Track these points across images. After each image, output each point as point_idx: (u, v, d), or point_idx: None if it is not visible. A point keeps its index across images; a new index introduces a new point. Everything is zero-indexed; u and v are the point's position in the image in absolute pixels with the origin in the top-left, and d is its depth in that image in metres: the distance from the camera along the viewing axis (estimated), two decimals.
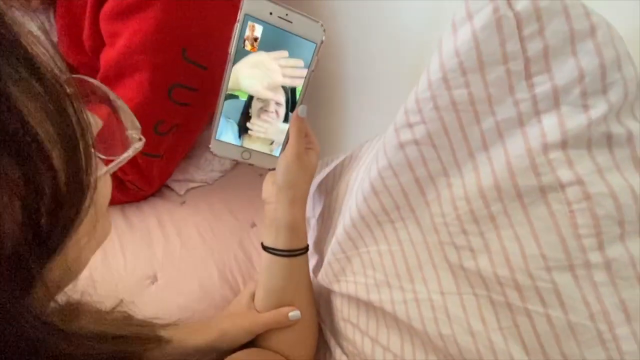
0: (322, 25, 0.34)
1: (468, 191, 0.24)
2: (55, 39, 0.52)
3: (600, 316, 0.21)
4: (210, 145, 0.39)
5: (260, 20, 0.33)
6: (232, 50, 0.34)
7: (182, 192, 0.52)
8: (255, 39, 0.35)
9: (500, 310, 0.24)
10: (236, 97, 0.37)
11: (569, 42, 0.19)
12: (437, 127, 0.23)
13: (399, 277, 0.28)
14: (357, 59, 0.47)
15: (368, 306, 0.31)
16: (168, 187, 0.53)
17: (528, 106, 0.22)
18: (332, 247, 0.32)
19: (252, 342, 0.36)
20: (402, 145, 0.25)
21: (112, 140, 0.19)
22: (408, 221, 0.28)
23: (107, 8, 0.39)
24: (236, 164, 0.57)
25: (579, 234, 0.21)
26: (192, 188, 0.53)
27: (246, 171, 0.56)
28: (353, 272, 0.31)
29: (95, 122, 0.17)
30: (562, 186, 0.21)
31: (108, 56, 0.40)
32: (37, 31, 0.13)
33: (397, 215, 0.28)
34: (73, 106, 0.13)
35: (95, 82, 0.18)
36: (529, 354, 0.23)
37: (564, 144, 0.21)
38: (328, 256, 0.33)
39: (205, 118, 0.49)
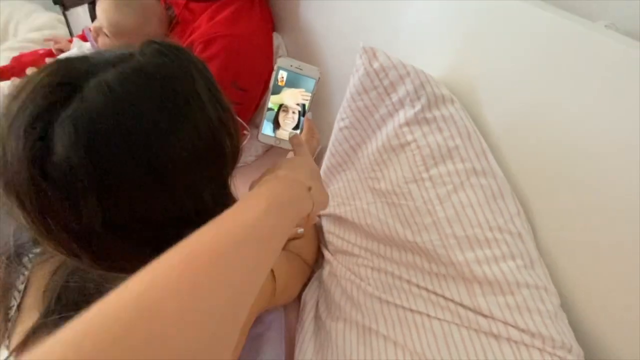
0: (318, 69, 0.61)
1: (373, 149, 0.50)
2: None
3: (428, 201, 0.45)
4: (258, 136, 0.67)
5: (285, 69, 0.60)
6: (271, 85, 0.62)
7: None
8: (282, 77, 0.62)
9: (390, 207, 0.49)
10: (272, 109, 0.65)
11: (399, 79, 0.44)
12: (354, 120, 0.49)
13: (348, 199, 0.54)
14: (341, 77, 0.72)
15: (337, 218, 0.57)
16: None
17: (391, 107, 0.46)
18: None
19: None
20: (340, 129, 0.51)
21: None
22: (351, 169, 0.54)
23: None
24: (266, 150, 0.85)
25: (417, 164, 0.46)
26: (237, 167, 0.82)
27: (271, 156, 0.84)
28: None
29: None
30: (408, 143, 0.46)
31: None
32: None
33: (345, 166, 0.54)
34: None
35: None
36: (403, 226, 0.48)
37: (407, 123, 0.46)
38: None
39: (245, 122, 0.78)
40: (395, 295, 0.49)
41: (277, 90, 0.63)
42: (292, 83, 0.62)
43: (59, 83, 0.26)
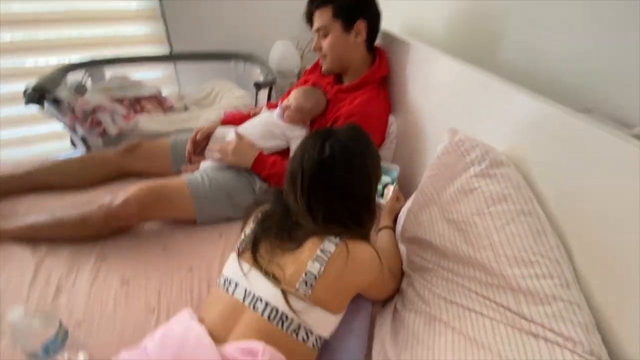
0: (398, 167, 0.94)
1: (451, 192, 0.73)
2: None
3: (487, 229, 0.65)
4: None
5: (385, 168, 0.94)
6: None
7: None
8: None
9: (459, 232, 0.70)
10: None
11: (471, 147, 0.69)
12: (439, 171, 0.75)
13: (429, 226, 0.77)
14: (431, 146, 1.01)
15: (420, 240, 0.79)
16: None
17: (465, 165, 0.71)
18: (405, 219, 0.84)
19: None
20: (429, 177, 0.77)
21: None
22: (433, 205, 0.77)
23: None
24: None
25: (481, 203, 0.67)
26: None
27: None
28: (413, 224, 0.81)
29: None
30: (475, 189, 0.69)
31: None
32: None
33: (429, 202, 0.78)
34: None
35: None
36: (467, 245, 0.68)
37: (475, 176, 0.69)
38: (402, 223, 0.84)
39: None
40: (457, 296, 0.67)
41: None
42: (385, 172, 1.01)
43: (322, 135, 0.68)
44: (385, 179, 1.01)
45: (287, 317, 0.59)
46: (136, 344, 0.61)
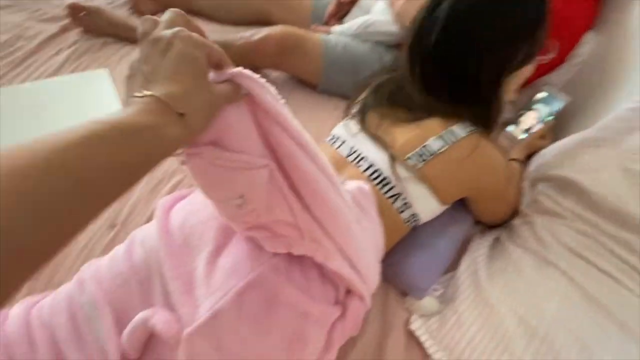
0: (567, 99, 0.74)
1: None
2: None
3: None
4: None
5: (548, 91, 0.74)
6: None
7: None
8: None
9: (634, 187, 0.55)
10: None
11: None
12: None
13: (591, 169, 0.62)
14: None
15: (566, 181, 0.66)
16: None
17: None
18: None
19: None
20: (626, 109, 0.58)
21: None
22: (610, 147, 0.61)
23: None
24: None
25: None
26: None
27: None
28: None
29: None
30: None
31: None
32: None
33: (604, 143, 0.61)
34: None
35: None
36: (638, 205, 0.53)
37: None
38: None
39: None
40: (589, 253, 0.57)
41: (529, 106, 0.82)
42: (546, 101, 0.81)
43: None
44: (543, 107, 0.82)
45: (388, 182, 0.57)
46: None
